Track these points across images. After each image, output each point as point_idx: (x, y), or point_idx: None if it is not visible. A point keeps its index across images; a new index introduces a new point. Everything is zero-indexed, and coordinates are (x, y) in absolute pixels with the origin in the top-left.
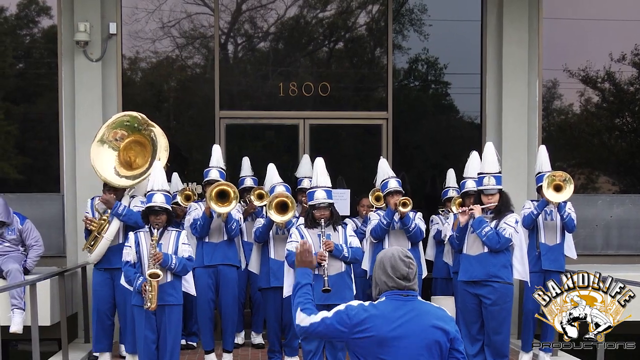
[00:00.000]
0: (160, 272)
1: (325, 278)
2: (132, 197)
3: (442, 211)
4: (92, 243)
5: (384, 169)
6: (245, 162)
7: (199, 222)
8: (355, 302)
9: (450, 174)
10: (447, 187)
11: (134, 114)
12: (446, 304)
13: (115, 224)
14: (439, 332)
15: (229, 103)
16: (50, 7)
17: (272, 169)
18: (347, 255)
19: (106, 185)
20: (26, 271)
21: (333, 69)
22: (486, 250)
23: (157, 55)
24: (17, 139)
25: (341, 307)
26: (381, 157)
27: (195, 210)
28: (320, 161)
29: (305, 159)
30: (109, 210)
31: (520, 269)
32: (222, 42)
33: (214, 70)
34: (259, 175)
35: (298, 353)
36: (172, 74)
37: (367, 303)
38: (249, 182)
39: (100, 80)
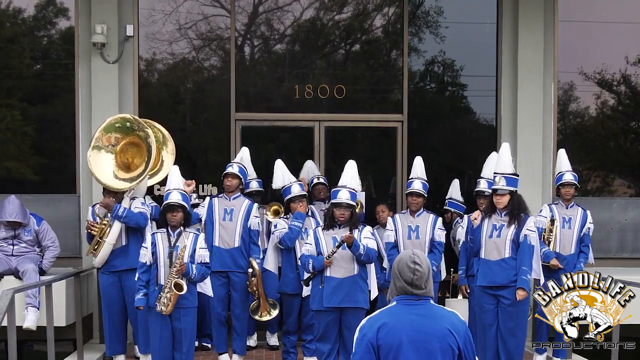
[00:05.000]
0: (185, 286)
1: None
2: (132, 198)
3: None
4: (95, 247)
5: (418, 167)
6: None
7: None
8: (363, 321)
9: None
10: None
11: (124, 115)
12: (459, 307)
13: (117, 227)
14: (451, 337)
15: (245, 105)
16: (67, 9)
17: (281, 166)
18: (362, 252)
19: (105, 189)
20: (42, 272)
21: (349, 71)
22: (506, 255)
23: (174, 57)
24: (34, 140)
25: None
26: (418, 156)
27: (203, 209)
28: (352, 163)
29: (308, 163)
30: (110, 214)
31: (536, 267)
32: (239, 44)
33: (230, 72)
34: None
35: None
36: (189, 75)
37: (376, 313)
38: (254, 184)
39: (117, 82)
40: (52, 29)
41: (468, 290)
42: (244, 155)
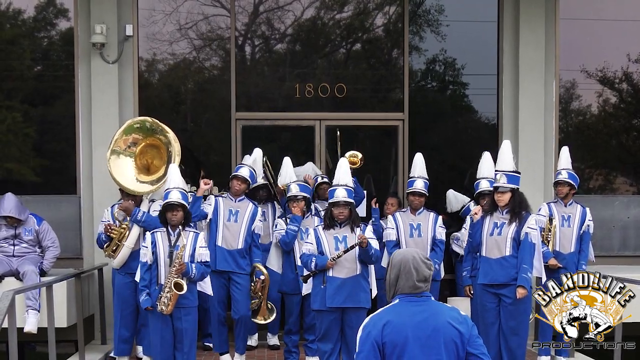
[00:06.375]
0: (185, 286)
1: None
2: (152, 201)
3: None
4: (114, 249)
5: (419, 165)
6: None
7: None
8: (367, 320)
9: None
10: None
11: (143, 118)
12: (461, 306)
13: (136, 231)
14: (454, 331)
15: (246, 105)
16: (67, 9)
17: (287, 164)
18: (373, 253)
19: (123, 192)
20: (42, 273)
21: (350, 70)
22: (507, 253)
23: (174, 57)
24: (35, 141)
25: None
26: (419, 153)
27: (210, 207)
28: (343, 161)
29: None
30: (129, 218)
31: (537, 265)
32: (239, 44)
33: (231, 71)
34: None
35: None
36: (189, 76)
37: (379, 311)
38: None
39: (117, 82)
40: (52, 30)
41: (472, 292)
42: (256, 157)
